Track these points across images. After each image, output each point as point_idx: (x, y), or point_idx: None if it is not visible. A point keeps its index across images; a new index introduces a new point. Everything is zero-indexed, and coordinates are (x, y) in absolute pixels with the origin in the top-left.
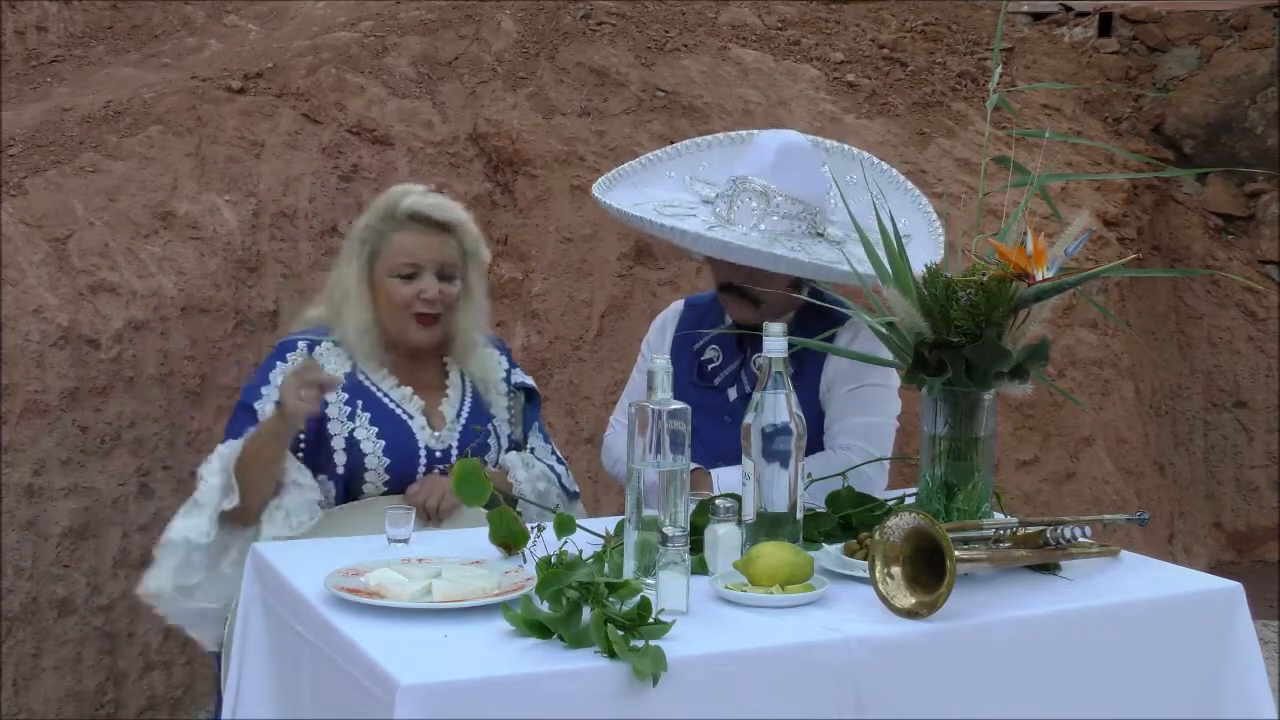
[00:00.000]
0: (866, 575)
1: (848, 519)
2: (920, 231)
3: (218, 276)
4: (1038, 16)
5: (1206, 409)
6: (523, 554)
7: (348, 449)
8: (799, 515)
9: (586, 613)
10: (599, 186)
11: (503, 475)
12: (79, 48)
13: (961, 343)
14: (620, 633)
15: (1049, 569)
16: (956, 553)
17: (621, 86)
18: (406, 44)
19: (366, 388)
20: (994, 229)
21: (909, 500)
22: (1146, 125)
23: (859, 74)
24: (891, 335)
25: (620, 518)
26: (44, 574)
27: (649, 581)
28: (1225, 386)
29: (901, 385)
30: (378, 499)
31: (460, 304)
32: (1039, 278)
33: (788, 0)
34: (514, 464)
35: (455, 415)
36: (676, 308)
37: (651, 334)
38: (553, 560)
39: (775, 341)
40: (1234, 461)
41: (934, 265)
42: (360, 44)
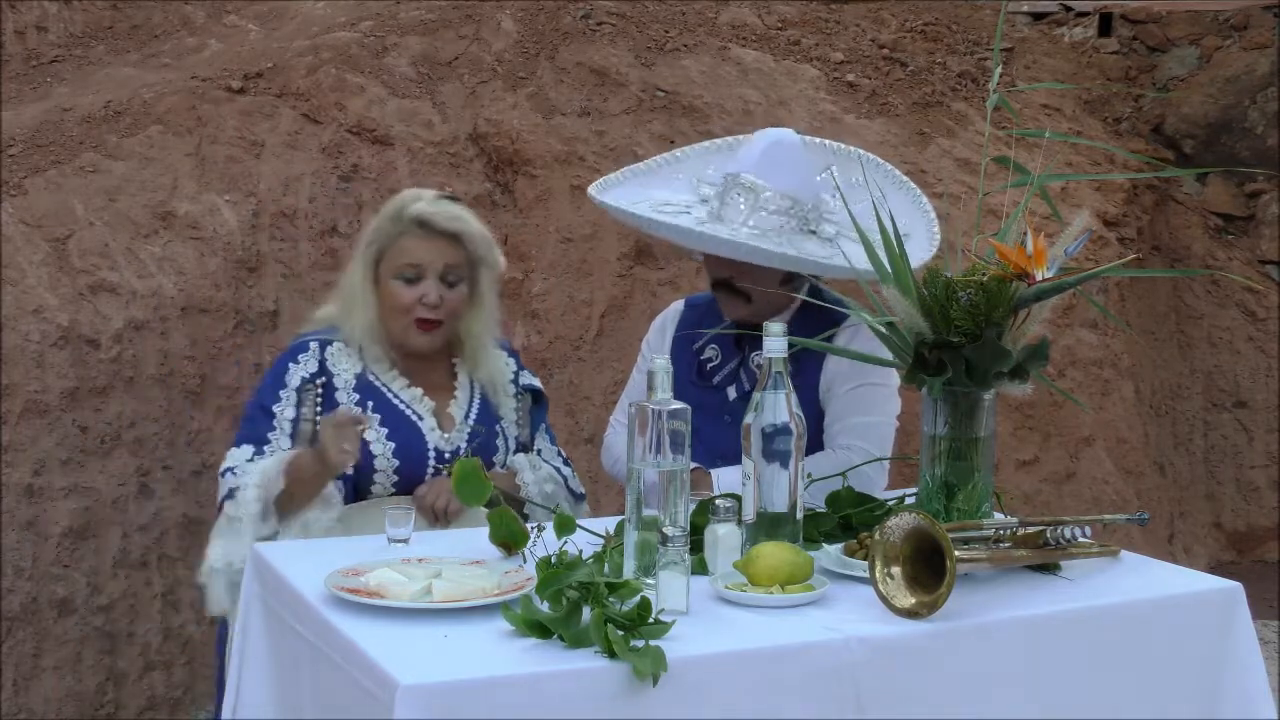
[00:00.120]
0: (866, 575)
1: (848, 519)
2: (919, 231)
3: (218, 276)
4: (1038, 16)
5: (1206, 409)
6: (523, 554)
7: None
8: (799, 515)
9: (586, 613)
10: (597, 186)
11: (510, 477)
12: (79, 48)
13: (961, 343)
14: (620, 633)
15: (1049, 569)
16: (956, 553)
17: (621, 86)
18: (406, 44)
19: (377, 388)
20: (994, 229)
21: (909, 500)
22: (1146, 125)
23: (859, 74)
24: (891, 335)
25: (620, 518)
26: (44, 574)
27: (649, 581)
28: (1225, 386)
29: (901, 385)
30: (386, 499)
31: (469, 310)
32: (1039, 278)
33: (788, 0)
34: (521, 466)
35: (464, 417)
36: (677, 308)
37: (651, 334)
38: (553, 560)
39: (775, 341)
40: (1234, 461)
41: (930, 266)
42: (360, 44)
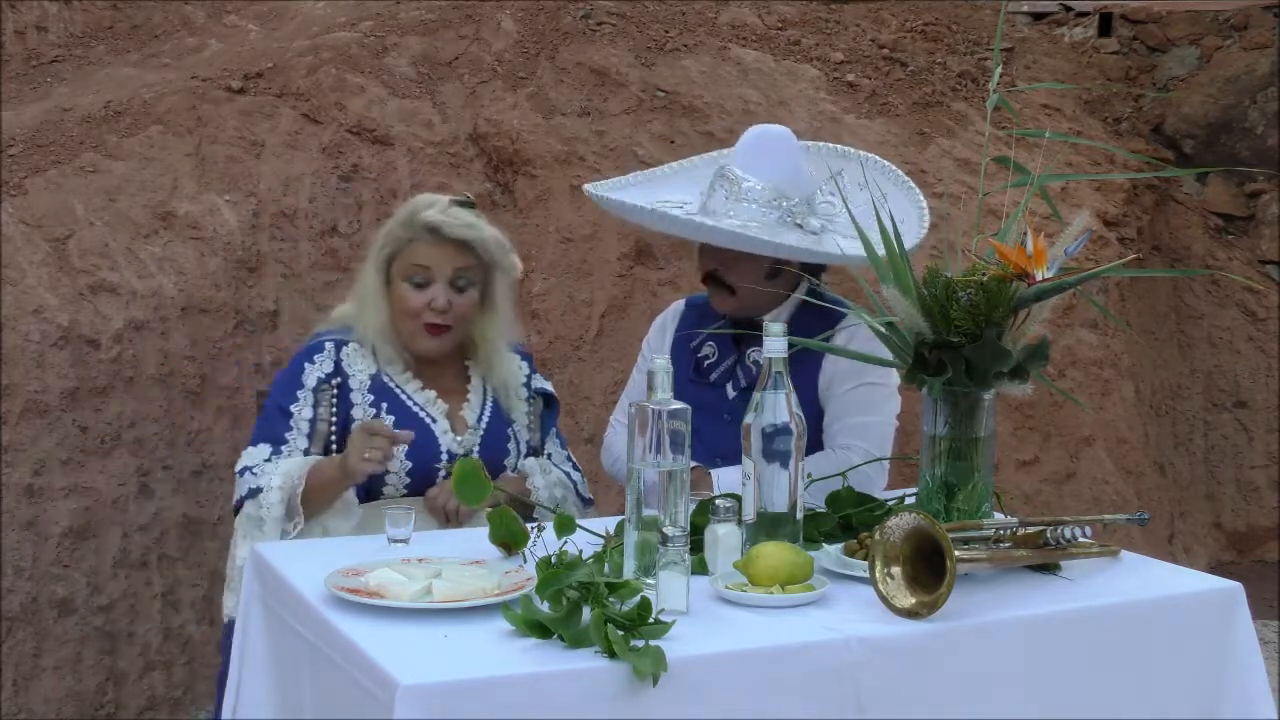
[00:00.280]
0: (866, 575)
1: (848, 519)
2: (911, 218)
3: (218, 276)
4: (1038, 16)
5: (1206, 409)
6: (523, 554)
7: None
8: (799, 515)
9: (586, 613)
10: (599, 185)
11: (521, 481)
12: (79, 48)
13: (961, 343)
14: (620, 633)
15: (1049, 569)
16: (956, 553)
17: (621, 86)
18: (406, 44)
19: (391, 389)
20: (994, 229)
21: (909, 500)
22: (1146, 125)
23: (859, 74)
24: (891, 335)
25: (620, 518)
26: (44, 574)
27: (649, 581)
28: (1225, 386)
29: (901, 385)
30: (399, 500)
31: (481, 314)
32: (1039, 278)
33: (788, 0)
34: (532, 470)
35: (476, 419)
36: (677, 307)
37: (652, 334)
38: (553, 560)
39: (775, 341)
40: (1234, 461)
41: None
42: (360, 44)
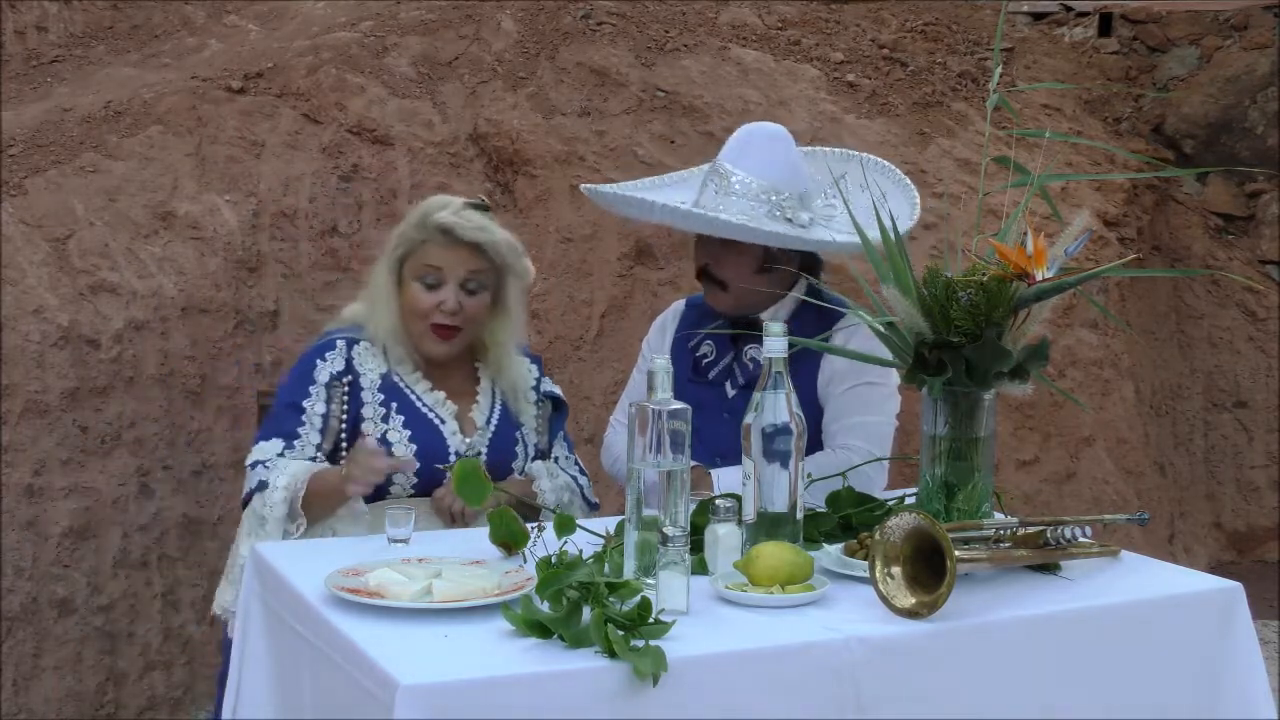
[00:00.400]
0: (866, 575)
1: (848, 519)
2: (903, 211)
3: (218, 276)
4: (1038, 16)
5: (1206, 409)
6: (523, 554)
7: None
8: (799, 515)
9: (586, 613)
10: (600, 188)
11: (528, 484)
12: (79, 48)
13: (961, 343)
14: (620, 633)
15: (1049, 569)
16: (956, 553)
17: (621, 86)
18: (406, 44)
19: (401, 390)
20: (994, 229)
21: (909, 500)
22: (1146, 125)
23: (859, 74)
24: (891, 335)
25: (620, 518)
26: (44, 574)
27: (649, 581)
28: (1225, 386)
29: (901, 385)
30: (404, 500)
31: (492, 317)
32: (1039, 278)
33: (788, 0)
34: (539, 473)
35: (485, 421)
36: (677, 307)
37: (652, 334)
38: (553, 560)
39: (775, 341)
40: (1234, 461)
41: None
42: (360, 44)
